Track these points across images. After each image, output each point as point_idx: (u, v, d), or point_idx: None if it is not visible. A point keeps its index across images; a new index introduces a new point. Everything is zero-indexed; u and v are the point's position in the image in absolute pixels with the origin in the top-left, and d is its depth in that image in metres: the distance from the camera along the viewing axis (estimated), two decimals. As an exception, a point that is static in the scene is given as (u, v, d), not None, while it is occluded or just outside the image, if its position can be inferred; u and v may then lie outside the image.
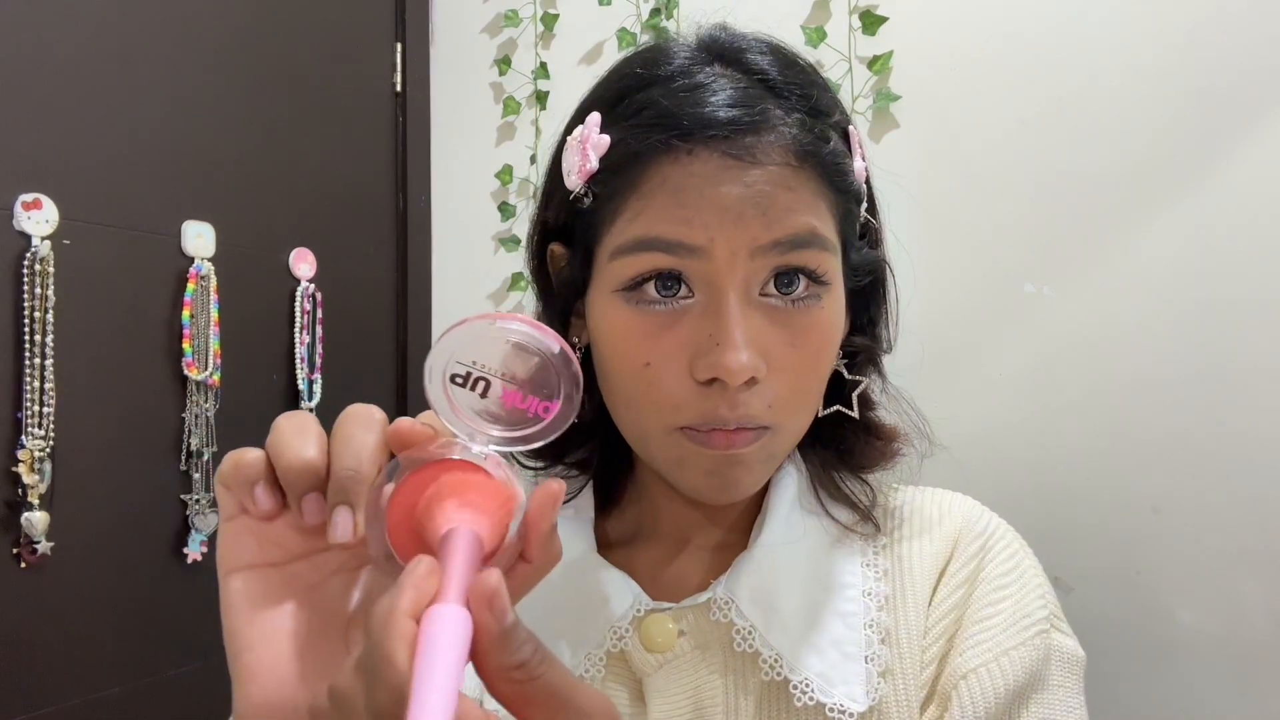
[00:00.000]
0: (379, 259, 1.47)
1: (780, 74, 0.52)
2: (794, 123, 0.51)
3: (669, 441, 0.52)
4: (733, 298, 0.50)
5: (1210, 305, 0.95)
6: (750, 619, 0.55)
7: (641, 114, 0.51)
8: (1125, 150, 1.00)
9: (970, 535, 0.59)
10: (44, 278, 1.00)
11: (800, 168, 0.50)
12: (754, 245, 0.49)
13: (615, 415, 0.56)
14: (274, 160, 1.29)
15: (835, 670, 0.54)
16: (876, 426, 0.61)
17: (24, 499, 0.98)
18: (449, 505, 0.33)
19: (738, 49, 0.54)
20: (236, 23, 1.24)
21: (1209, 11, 0.95)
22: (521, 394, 0.36)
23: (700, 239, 0.49)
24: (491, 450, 0.36)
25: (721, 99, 0.50)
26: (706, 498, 0.54)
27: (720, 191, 0.49)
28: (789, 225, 0.50)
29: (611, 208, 0.52)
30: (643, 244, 0.50)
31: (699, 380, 0.50)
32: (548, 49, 1.42)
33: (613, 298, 0.52)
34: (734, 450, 0.51)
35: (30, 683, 0.99)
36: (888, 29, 1.13)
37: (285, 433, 0.38)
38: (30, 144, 1.01)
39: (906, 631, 0.56)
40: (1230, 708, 0.92)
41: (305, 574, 0.39)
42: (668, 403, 0.51)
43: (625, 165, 0.51)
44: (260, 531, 0.38)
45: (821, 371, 0.54)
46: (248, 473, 0.37)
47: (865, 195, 0.57)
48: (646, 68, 0.53)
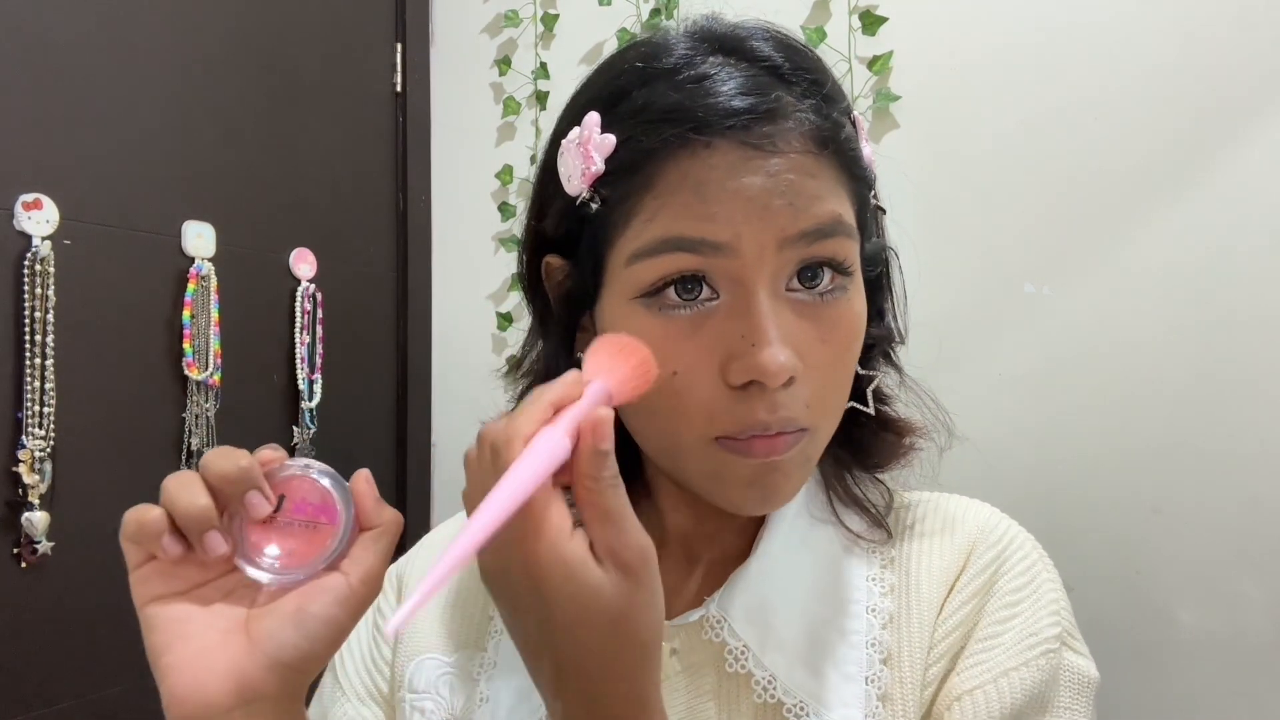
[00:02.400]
0: (379, 259, 1.47)
1: (787, 60, 0.50)
2: (808, 109, 0.49)
3: (704, 454, 0.50)
4: (763, 294, 0.47)
5: (1210, 306, 0.95)
6: (744, 638, 0.53)
7: (648, 109, 0.49)
8: (1125, 150, 1.00)
9: (985, 545, 0.56)
10: (44, 278, 1.00)
11: (820, 155, 0.48)
12: (782, 237, 0.47)
13: (638, 429, 0.53)
14: (274, 160, 1.29)
15: (832, 692, 0.51)
16: (891, 421, 0.58)
17: (24, 499, 0.98)
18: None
19: (738, 37, 0.51)
20: (236, 23, 1.24)
21: (1210, 13, 0.95)
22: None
23: (725, 235, 0.47)
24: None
25: (732, 88, 0.48)
26: (747, 510, 0.51)
27: (743, 183, 0.46)
28: (816, 214, 0.48)
29: (624, 210, 0.49)
30: (664, 244, 0.47)
31: (733, 385, 0.47)
32: (548, 49, 1.42)
33: (631, 305, 0.49)
34: (775, 457, 0.48)
35: (30, 683, 0.99)
36: (888, 29, 1.13)
37: (175, 489, 0.45)
38: (30, 144, 1.01)
39: (909, 651, 0.53)
40: (1230, 708, 0.92)
41: (207, 593, 0.46)
42: (701, 412, 0.48)
43: (637, 164, 0.48)
44: (165, 571, 0.45)
45: (851, 366, 0.52)
46: (153, 528, 0.44)
47: (874, 179, 0.56)
48: (645, 62, 0.51)
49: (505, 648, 0.57)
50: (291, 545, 0.46)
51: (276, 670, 0.44)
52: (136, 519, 0.44)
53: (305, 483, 0.47)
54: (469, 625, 0.60)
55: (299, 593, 0.46)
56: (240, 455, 0.45)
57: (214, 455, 0.45)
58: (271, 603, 0.46)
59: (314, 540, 0.46)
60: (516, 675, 0.55)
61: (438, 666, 0.59)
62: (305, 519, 0.47)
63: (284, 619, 0.45)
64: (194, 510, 0.44)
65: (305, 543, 0.46)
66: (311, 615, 0.45)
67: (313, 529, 0.47)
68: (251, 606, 0.46)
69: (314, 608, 0.45)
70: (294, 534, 0.46)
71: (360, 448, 1.42)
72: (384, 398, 1.47)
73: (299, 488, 0.47)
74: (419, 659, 0.59)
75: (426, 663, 0.59)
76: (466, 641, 0.59)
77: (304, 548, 0.46)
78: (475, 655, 0.58)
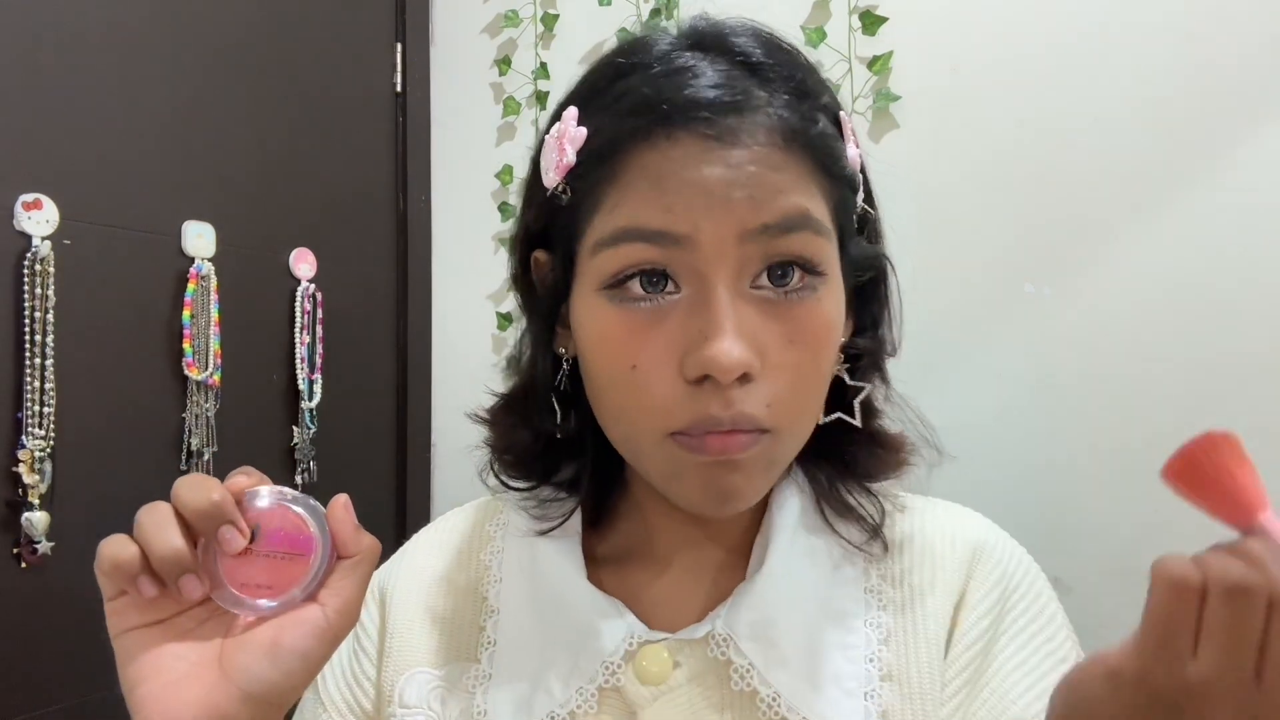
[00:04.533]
0: (379, 259, 1.47)
1: (764, 55, 0.50)
2: (779, 103, 0.48)
3: (661, 451, 0.49)
4: (721, 288, 0.46)
5: (1210, 305, 0.95)
6: (749, 656, 0.52)
7: (619, 102, 0.49)
8: (1125, 150, 1.00)
9: (989, 562, 0.57)
10: (44, 278, 1.00)
11: (787, 149, 0.47)
12: (742, 229, 0.46)
13: (606, 427, 0.53)
14: (274, 160, 1.29)
15: (834, 708, 0.51)
16: (882, 436, 0.57)
17: (24, 499, 0.98)
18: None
19: (719, 34, 0.51)
20: (236, 23, 1.24)
21: (1209, 12, 0.95)
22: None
23: (684, 226, 0.46)
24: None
25: (703, 82, 0.47)
26: (704, 511, 0.51)
27: (702, 174, 0.46)
28: (779, 207, 0.47)
29: (591, 201, 0.49)
30: (624, 235, 0.47)
31: (689, 379, 0.47)
32: (548, 49, 1.42)
33: (596, 298, 0.49)
34: (730, 455, 0.47)
35: (30, 683, 0.99)
36: (888, 29, 1.13)
37: (149, 528, 0.44)
38: (30, 144, 1.01)
39: (916, 668, 0.53)
40: (1230, 708, 0.92)
41: (181, 623, 0.46)
42: (657, 406, 0.48)
43: (603, 155, 0.48)
44: (141, 604, 0.45)
45: (822, 370, 0.51)
46: (128, 570, 0.44)
47: (861, 184, 0.54)
48: (625, 57, 0.51)
49: (499, 659, 0.56)
50: (267, 576, 0.46)
51: (249, 704, 0.44)
52: (112, 558, 0.44)
53: (280, 512, 0.46)
54: (459, 637, 0.59)
55: (274, 625, 0.45)
56: (212, 488, 0.45)
57: (186, 488, 0.45)
58: (247, 633, 0.46)
59: (290, 571, 0.46)
60: (513, 686, 0.55)
61: (428, 680, 0.58)
62: (281, 550, 0.46)
63: (258, 652, 0.45)
64: (168, 554, 0.43)
65: (281, 573, 0.46)
66: (286, 649, 0.45)
67: (289, 559, 0.46)
68: (227, 635, 0.46)
69: (289, 641, 0.45)
70: (270, 565, 0.46)
71: (360, 448, 1.42)
72: (384, 398, 1.47)
73: (274, 517, 0.46)
74: (408, 673, 0.58)
75: (417, 677, 0.58)
76: (457, 654, 0.58)
77: (280, 579, 0.46)
78: (468, 667, 0.57)
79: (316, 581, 0.46)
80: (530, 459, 0.58)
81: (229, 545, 0.45)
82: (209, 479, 0.45)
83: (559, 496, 0.59)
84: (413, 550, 0.65)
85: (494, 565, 0.60)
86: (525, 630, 0.57)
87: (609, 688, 0.53)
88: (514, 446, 0.58)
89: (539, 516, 0.58)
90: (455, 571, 0.62)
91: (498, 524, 0.63)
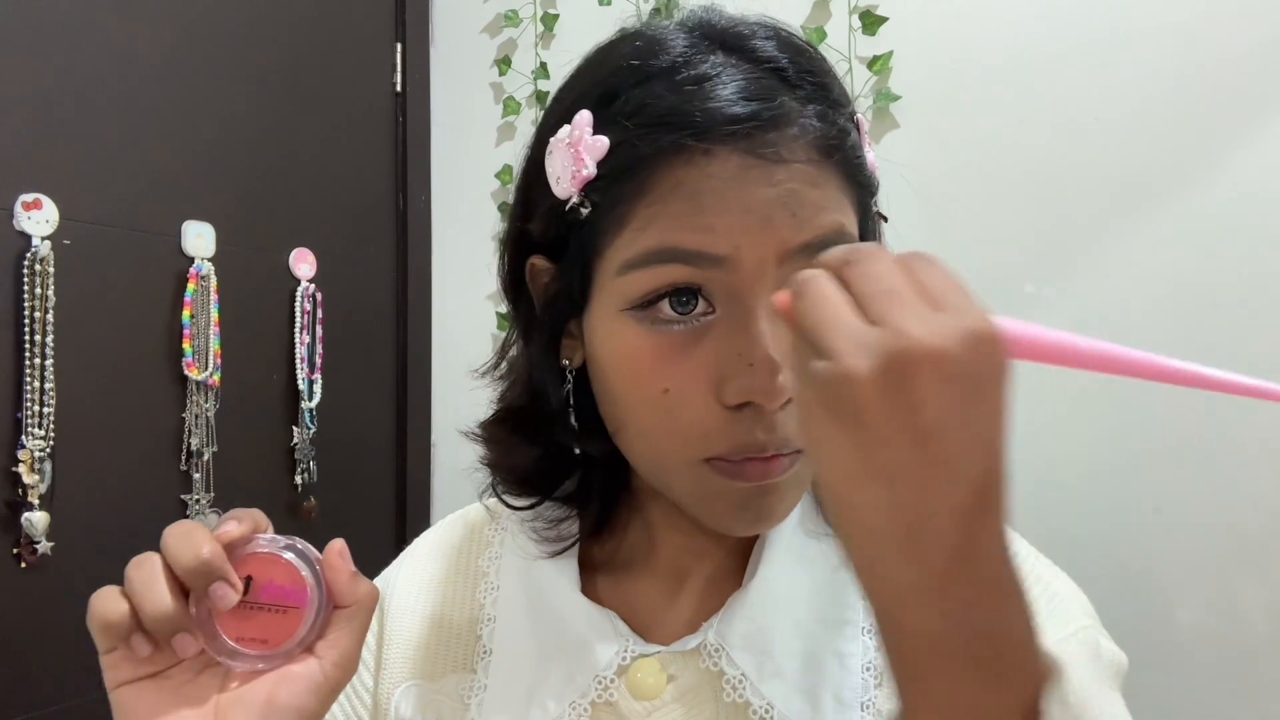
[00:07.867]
0: (379, 259, 1.47)
1: (791, 62, 0.48)
2: (813, 115, 0.46)
3: (693, 475, 0.47)
4: (761, 310, 0.44)
5: (1210, 305, 0.95)
6: (741, 667, 0.51)
7: (643, 111, 0.46)
8: (1125, 150, 1.00)
9: None
10: (44, 278, 1.00)
11: (824, 163, 0.46)
12: (783, 249, 0.44)
13: (626, 445, 0.51)
14: (274, 160, 1.29)
15: (829, 719, 0.50)
16: None
17: (24, 499, 0.98)
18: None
19: (739, 34, 0.48)
20: (236, 23, 1.24)
21: (1209, 13, 0.95)
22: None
23: (724, 248, 0.44)
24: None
25: (733, 91, 0.45)
26: (733, 531, 0.50)
27: (745, 194, 0.44)
28: (819, 225, 0.45)
29: (615, 217, 0.46)
30: (658, 255, 0.45)
31: (729, 405, 0.45)
32: (548, 49, 1.42)
33: (621, 318, 0.47)
34: (770, 479, 0.46)
35: (30, 683, 0.99)
36: (888, 29, 1.13)
37: (139, 585, 0.43)
38: (30, 144, 1.01)
39: None
40: (1230, 708, 0.92)
41: (177, 674, 0.46)
42: (693, 432, 0.46)
43: (631, 170, 0.46)
44: (135, 658, 0.45)
45: None
46: (120, 629, 0.43)
47: (877, 187, 0.53)
48: (640, 59, 0.48)
49: (496, 669, 0.56)
50: (261, 629, 0.45)
51: None
52: (103, 617, 0.43)
53: (274, 562, 0.45)
54: (456, 645, 0.58)
55: (270, 680, 0.45)
56: (202, 541, 0.43)
57: (175, 541, 0.44)
58: (242, 689, 0.45)
59: (285, 623, 0.45)
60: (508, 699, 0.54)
61: (425, 692, 0.57)
62: (274, 602, 0.45)
63: (252, 710, 0.44)
64: (159, 614, 0.43)
65: (276, 626, 0.45)
66: (281, 706, 0.44)
67: (284, 612, 0.45)
68: (223, 688, 0.46)
69: (284, 698, 0.44)
70: (264, 617, 0.45)
71: (360, 448, 1.42)
72: (384, 398, 1.47)
73: (268, 568, 0.45)
74: (404, 685, 0.57)
75: (413, 689, 0.57)
76: (454, 665, 0.58)
77: (275, 631, 0.45)
78: (465, 679, 0.57)
79: (312, 634, 0.45)
80: (534, 475, 0.57)
81: (221, 603, 0.44)
82: (199, 530, 0.44)
83: (564, 514, 0.57)
84: (411, 557, 0.65)
85: (491, 572, 0.60)
86: (521, 639, 0.56)
87: (601, 703, 0.52)
88: (516, 466, 0.56)
89: (546, 538, 0.57)
90: (453, 578, 0.61)
91: (496, 529, 0.63)
